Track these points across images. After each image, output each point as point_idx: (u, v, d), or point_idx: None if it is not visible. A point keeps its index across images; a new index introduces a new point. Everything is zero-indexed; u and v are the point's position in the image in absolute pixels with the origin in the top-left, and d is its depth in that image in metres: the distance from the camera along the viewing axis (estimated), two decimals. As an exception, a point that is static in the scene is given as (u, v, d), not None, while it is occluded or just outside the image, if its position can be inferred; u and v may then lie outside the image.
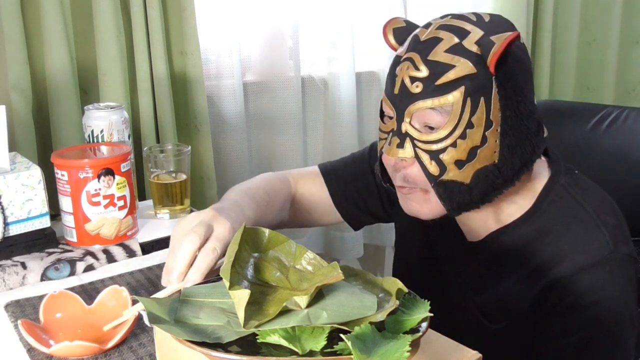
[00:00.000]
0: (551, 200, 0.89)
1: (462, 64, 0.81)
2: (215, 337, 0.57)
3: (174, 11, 1.53)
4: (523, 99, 0.83)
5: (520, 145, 0.84)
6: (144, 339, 0.80)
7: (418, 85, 0.82)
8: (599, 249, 0.84)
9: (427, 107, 0.82)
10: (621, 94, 2.30)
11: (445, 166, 0.83)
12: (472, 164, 0.83)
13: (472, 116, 0.81)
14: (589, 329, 0.85)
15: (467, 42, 0.81)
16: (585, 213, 0.88)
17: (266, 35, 1.72)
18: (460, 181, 0.83)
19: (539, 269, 0.87)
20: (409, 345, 0.52)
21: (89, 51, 1.47)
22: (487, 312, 0.92)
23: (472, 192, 0.84)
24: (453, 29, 0.83)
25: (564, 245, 0.86)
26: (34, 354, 0.77)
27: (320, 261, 0.67)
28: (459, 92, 0.81)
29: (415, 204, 0.88)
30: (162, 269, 0.76)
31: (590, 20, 2.20)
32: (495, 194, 0.85)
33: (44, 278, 1.00)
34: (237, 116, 1.68)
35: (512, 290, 0.90)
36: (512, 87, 0.82)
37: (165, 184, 1.22)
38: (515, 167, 0.84)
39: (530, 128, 0.85)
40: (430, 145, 0.83)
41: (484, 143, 0.82)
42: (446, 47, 0.82)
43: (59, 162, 1.04)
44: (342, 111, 1.81)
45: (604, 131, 1.17)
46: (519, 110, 0.83)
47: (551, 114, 1.25)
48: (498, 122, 0.82)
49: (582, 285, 0.83)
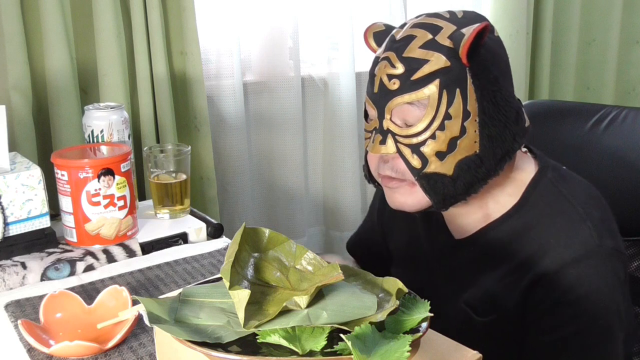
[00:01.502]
0: (538, 194, 0.91)
1: (436, 58, 0.83)
2: (215, 337, 0.57)
3: (174, 11, 1.53)
4: (499, 89, 0.85)
5: (500, 134, 0.85)
6: (144, 339, 0.80)
7: (395, 82, 0.85)
8: (584, 242, 0.85)
9: (404, 102, 0.84)
10: (621, 94, 2.30)
11: (427, 158, 0.85)
12: (453, 155, 0.84)
13: (449, 108, 0.83)
14: (577, 323, 0.85)
15: (440, 37, 0.84)
16: (571, 207, 0.88)
17: (266, 35, 1.72)
18: (443, 173, 0.85)
19: (525, 263, 0.88)
20: (409, 345, 0.52)
21: (89, 51, 1.47)
22: (476, 306, 0.93)
23: (456, 183, 0.86)
24: (426, 26, 0.85)
25: (550, 239, 0.87)
26: (34, 354, 0.77)
27: (320, 261, 0.67)
28: (434, 85, 0.83)
29: (400, 196, 0.90)
30: (162, 268, 0.76)
31: (590, 20, 2.20)
32: (479, 184, 0.87)
33: (44, 278, 1.00)
34: (237, 116, 1.68)
35: (500, 285, 0.90)
36: (486, 78, 0.84)
37: (165, 184, 1.22)
38: (497, 156, 0.86)
39: (509, 117, 0.86)
40: (410, 139, 0.85)
41: (463, 134, 0.84)
42: (420, 44, 0.84)
43: (59, 162, 1.04)
44: (342, 111, 1.81)
45: (602, 131, 1.17)
46: (495, 100, 0.85)
47: (550, 113, 1.25)
48: (476, 112, 0.84)
49: (569, 280, 0.84)
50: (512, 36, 2.03)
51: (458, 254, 0.97)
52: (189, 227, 1.17)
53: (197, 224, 1.19)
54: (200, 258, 1.06)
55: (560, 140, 1.20)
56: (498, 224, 0.91)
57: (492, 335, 0.91)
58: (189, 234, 1.16)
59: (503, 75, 0.87)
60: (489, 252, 0.92)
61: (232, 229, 1.36)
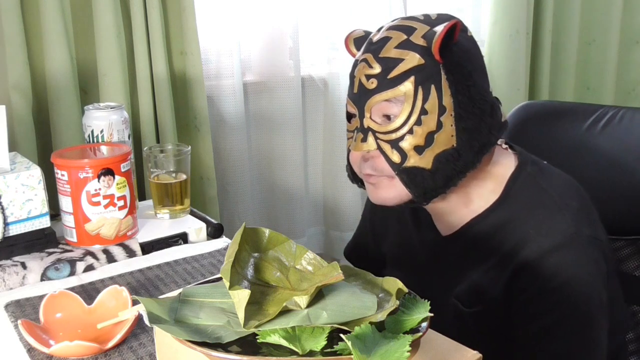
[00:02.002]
0: (518, 188, 0.93)
1: (411, 56, 0.87)
2: (215, 337, 0.57)
3: (174, 11, 1.53)
4: (473, 84, 0.89)
5: (476, 127, 0.89)
6: (144, 339, 0.80)
7: (373, 81, 0.89)
8: (562, 231, 0.88)
9: (382, 100, 0.88)
10: (621, 94, 2.30)
11: (406, 153, 0.88)
12: (431, 149, 0.88)
13: (425, 103, 0.87)
14: (558, 310, 0.87)
15: (414, 37, 0.88)
16: (550, 198, 0.91)
17: (266, 35, 1.72)
18: (422, 167, 0.88)
19: (507, 254, 0.90)
20: (409, 345, 0.52)
21: (89, 51, 1.47)
22: (463, 298, 0.95)
23: (435, 176, 0.89)
24: (401, 28, 0.90)
25: (529, 230, 0.89)
26: (34, 354, 0.77)
27: (320, 261, 0.67)
28: (409, 82, 0.87)
29: (381, 191, 0.93)
30: (162, 268, 0.76)
31: (590, 20, 2.20)
32: (458, 177, 0.90)
33: (44, 278, 1.00)
34: (237, 116, 1.68)
35: (485, 277, 0.93)
36: (460, 73, 0.88)
37: (165, 184, 1.22)
38: (474, 149, 0.89)
39: (484, 110, 0.89)
40: (389, 134, 0.89)
41: (440, 128, 0.87)
42: (395, 44, 0.88)
43: (59, 162, 1.04)
44: (342, 111, 1.81)
45: (599, 131, 1.17)
46: (470, 94, 0.88)
47: (546, 114, 1.25)
48: (451, 107, 0.87)
49: (548, 268, 0.86)
50: (512, 36, 2.03)
51: (446, 251, 0.99)
52: (189, 227, 1.17)
53: (197, 224, 1.19)
54: (200, 258, 1.06)
55: (557, 141, 1.20)
56: (481, 218, 0.94)
57: (481, 326, 0.93)
58: (189, 234, 1.16)
59: (476, 71, 0.90)
60: (474, 246, 0.94)
61: (232, 229, 1.36)
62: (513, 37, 2.03)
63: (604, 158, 1.15)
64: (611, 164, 1.14)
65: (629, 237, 1.13)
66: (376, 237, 1.17)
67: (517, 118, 1.25)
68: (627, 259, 1.15)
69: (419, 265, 1.04)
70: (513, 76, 2.06)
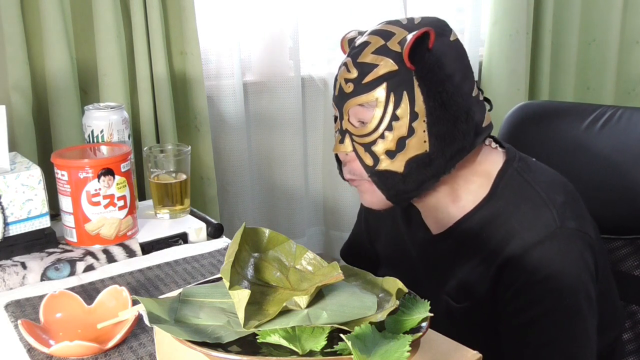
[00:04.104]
0: (505, 184, 0.94)
1: (384, 62, 0.89)
2: (215, 337, 0.57)
3: (174, 11, 1.53)
4: (445, 90, 0.89)
5: (449, 134, 0.90)
6: (144, 339, 0.80)
7: (350, 85, 0.92)
8: (546, 225, 0.88)
9: (356, 104, 0.91)
10: (621, 94, 2.30)
11: (378, 157, 0.91)
12: (402, 154, 0.90)
13: (396, 109, 0.89)
14: (543, 303, 0.88)
15: (391, 43, 0.90)
16: (535, 193, 0.92)
17: (266, 35, 1.72)
18: (393, 170, 0.91)
19: (493, 250, 0.91)
20: (409, 345, 0.52)
21: (89, 51, 1.47)
22: (453, 295, 0.96)
23: (406, 180, 0.91)
24: (381, 33, 0.91)
25: (515, 224, 0.90)
26: (34, 354, 0.78)
27: (320, 261, 0.67)
28: (382, 88, 0.89)
29: (366, 195, 0.97)
30: (162, 268, 0.76)
31: (590, 20, 2.20)
32: (431, 182, 0.92)
33: (44, 278, 1.00)
34: (237, 116, 1.68)
35: (473, 273, 0.94)
36: (432, 80, 0.89)
37: (165, 184, 1.22)
38: (446, 155, 0.90)
39: (458, 117, 0.90)
40: (363, 138, 0.91)
41: (412, 133, 0.89)
42: (372, 49, 0.90)
43: (59, 162, 1.04)
44: (342, 111, 1.81)
45: (598, 131, 1.17)
46: (442, 101, 0.89)
47: (545, 114, 1.25)
48: (424, 113, 0.89)
49: (532, 263, 0.87)
50: (512, 36, 2.03)
51: (436, 249, 1.00)
52: (189, 227, 1.17)
53: (197, 224, 1.19)
54: (200, 258, 1.06)
55: (555, 141, 1.20)
56: (470, 216, 0.95)
57: (470, 321, 0.94)
58: (189, 234, 1.16)
59: (454, 77, 0.90)
60: (463, 243, 0.95)
61: (232, 229, 1.36)
62: (513, 37, 2.03)
63: (602, 158, 1.15)
64: (610, 164, 1.14)
65: (628, 236, 1.13)
66: (370, 236, 1.19)
67: (515, 118, 1.25)
68: (625, 258, 1.15)
69: (411, 263, 1.05)
70: (513, 76, 2.06)
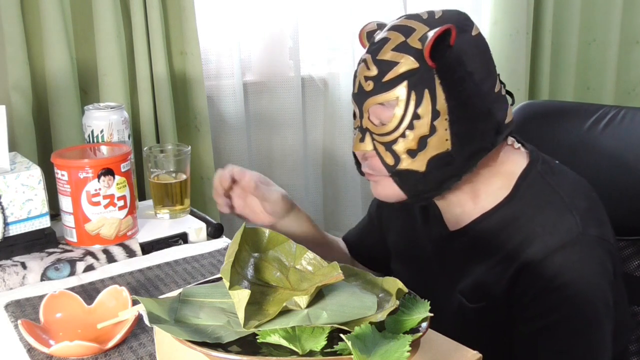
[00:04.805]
0: (527, 185, 0.93)
1: (405, 60, 0.87)
2: (215, 337, 0.57)
3: (174, 11, 1.53)
4: (465, 89, 0.88)
5: (470, 133, 0.89)
6: (144, 339, 0.80)
7: (370, 83, 0.90)
8: (568, 230, 0.87)
9: (377, 103, 0.89)
10: (621, 94, 2.30)
11: (399, 156, 0.89)
12: (424, 153, 0.88)
13: (418, 108, 0.87)
14: (561, 310, 0.87)
15: (411, 39, 0.88)
16: (558, 197, 0.91)
17: (266, 35, 1.72)
18: (415, 170, 0.89)
19: (513, 252, 0.90)
20: (409, 345, 0.52)
21: (89, 51, 1.47)
22: (467, 294, 0.95)
23: (427, 179, 0.90)
24: (401, 29, 0.89)
25: (536, 228, 0.89)
26: (34, 354, 0.77)
27: (320, 261, 0.67)
28: (402, 86, 0.87)
29: (381, 188, 0.95)
30: (162, 269, 0.76)
31: (590, 20, 2.20)
32: (452, 180, 0.90)
33: (44, 278, 1.00)
34: (237, 116, 1.68)
35: (489, 273, 0.92)
36: (453, 78, 0.87)
37: (165, 184, 1.22)
38: (467, 154, 0.89)
39: (478, 116, 0.89)
40: (384, 137, 0.90)
41: (433, 132, 0.87)
42: (392, 46, 0.88)
43: (59, 162, 1.04)
44: (342, 111, 1.81)
45: (600, 131, 1.17)
46: (463, 100, 0.88)
47: (547, 114, 1.25)
48: (445, 111, 0.87)
49: (553, 268, 0.86)
50: (512, 36, 2.03)
51: (452, 246, 0.99)
52: (189, 227, 1.17)
53: (197, 224, 1.19)
54: (200, 258, 1.06)
55: (558, 141, 1.20)
56: (489, 215, 0.94)
57: (483, 321, 0.93)
58: (189, 234, 1.16)
59: (475, 74, 0.89)
60: (480, 242, 0.95)
61: (232, 229, 1.36)
62: (513, 37, 2.03)
63: (604, 158, 1.15)
64: (612, 164, 1.14)
65: (630, 237, 1.13)
66: (382, 232, 1.18)
67: (517, 118, 1.25)
68: (628, 259, 1.15)
69: (425, 259, 1.04)
70: (513, 76, 2.06)
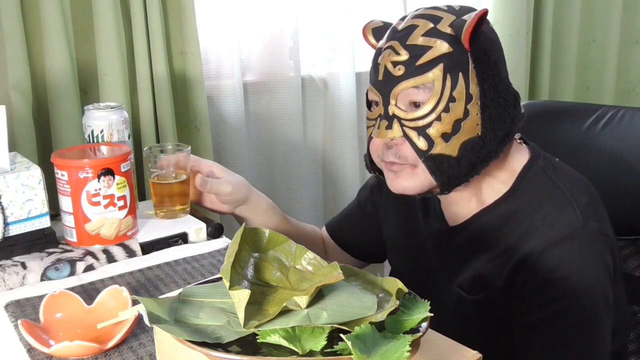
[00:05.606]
0: (528, 180, 0.94)
1: (439, 44, 0.89)
2: (215, 337, 0.57)
3: (174, 11, 1.53)
4: (498, 73, 0.90)
5: (500, 117, 0.90)
6: (144, 339, 0.80)
7: (400, 68, 0.89)
8: (569, 224, 0.88)
9: (410, 87, 0.89)
10: (621, 94, 2.30)
11: (433, 140, 0.89)
12: (457, 137, 0.89)
13: (453, 90, 0.88)
14: (560, 302, 0.87)
15: (441, 25, 0.90)
16: (559, 191, 0.92)
17: (266, 35, 1.72)
18: (448, 154, 0.89)
19: (513, 245, 0.91)
20: (409, 345, 0.52)
21: (89, 51, 1.47)
22: (466, 287, 0.96)
23: (460, 164, 0.90)
24: (427, 17, 0.91)
25: (536, 221, 0.90)
26: (34, 354, 0.77)
27: (320, 261, 0.67)
28: (438, 69, 0.88)
29: (402, 180, 0.94)
30: (162, 268, 0.77)
31: (590, 20, 2.20)
32: (482, 165, 0.91)
33: (44, 278, 1.00)
34: (237, 116, 1.68)
35: (489, 266, 0.93)
36: (486, 62, 0.89)
37: (165, 184, 1.22)
38: (497, 138, 0.90)
39: (508, 100, 0.90)
40: (416, 122, 0.89)
41: (467, 116, 0.88)
42: (422, 32, 0.89)
43: (59, 162, 1.04)
44: (342, 111, 1.81)
45: (599, 131, 1.17)
46: (495, 84, 0.89)
47: (547, 114, 1.25)
48: (477, 95, 0.88)
49: (553, 261, 0.87)
50: (512, 36, 2.03)
51: (451, 241, 1.00)
52: (189, 227, 1.17)
53: (197, 224, 1.19)
54: (200, 258, 1.06)
55: (557, 141, 1.20)
56: (490, 210, 0.95)
57: (482, 314, 0.94)
58: (189, 234, 1.16)
59: (499, 60, 0.92)
60: (480, 237, 0.95)
61: (232, 229, 1.36)
62: (513, 37, 2.03)
63: (604, 158, 1.15)
64: (611, 164, 1.14)
65: (629, 237, 1.13)
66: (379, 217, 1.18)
67: (517, 118, 1.25)
68: (627, 259, 1.15)
69: (424, 252, 1.05)
70: (513, 76, 2.04)
